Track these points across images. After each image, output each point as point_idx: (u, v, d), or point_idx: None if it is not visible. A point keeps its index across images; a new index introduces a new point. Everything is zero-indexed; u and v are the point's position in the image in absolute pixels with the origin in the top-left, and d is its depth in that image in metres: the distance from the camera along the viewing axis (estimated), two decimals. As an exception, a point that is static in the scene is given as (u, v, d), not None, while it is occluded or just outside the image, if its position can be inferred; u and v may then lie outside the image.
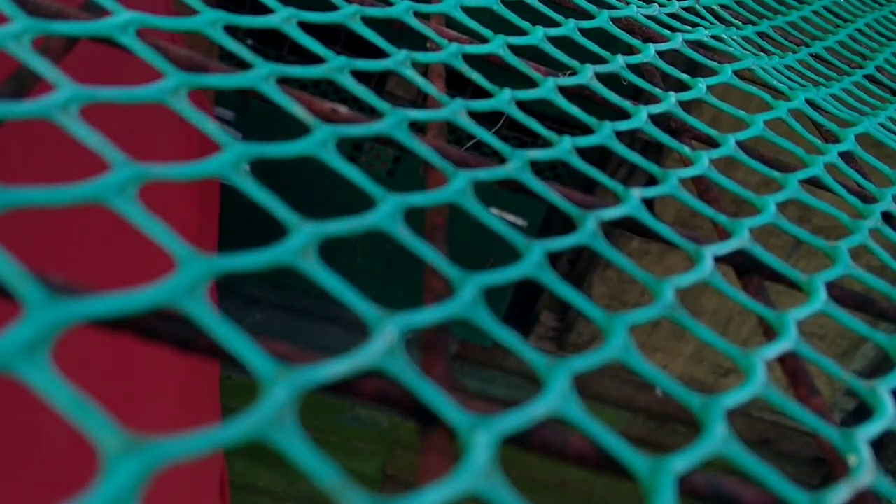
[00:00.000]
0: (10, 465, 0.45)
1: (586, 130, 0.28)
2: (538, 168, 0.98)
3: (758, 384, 0.20)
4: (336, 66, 0.24)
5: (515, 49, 0.31)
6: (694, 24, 0.42)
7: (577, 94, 0.31)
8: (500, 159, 0.24)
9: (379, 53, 0.27)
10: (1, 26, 0.19)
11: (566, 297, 0.20)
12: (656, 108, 0.31)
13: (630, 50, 0.36)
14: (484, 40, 0.31)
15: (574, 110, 0.29)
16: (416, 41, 0.30)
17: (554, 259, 1.13)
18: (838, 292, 0.26)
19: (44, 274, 0.14)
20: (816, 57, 0.46)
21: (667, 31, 0.39)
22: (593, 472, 0.17)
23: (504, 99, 0.27)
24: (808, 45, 0.47)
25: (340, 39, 0.89)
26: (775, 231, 1.07)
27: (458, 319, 0.18)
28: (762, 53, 0.42)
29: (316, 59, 0.25)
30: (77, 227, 0.52)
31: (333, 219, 0.19)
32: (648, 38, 0.39)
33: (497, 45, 0.30)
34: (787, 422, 1.27)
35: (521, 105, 0.27)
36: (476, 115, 0.26)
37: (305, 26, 0.26)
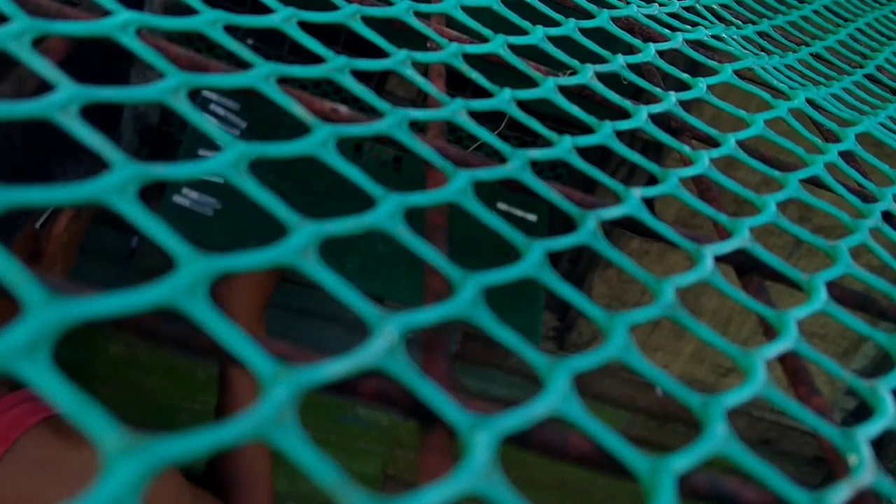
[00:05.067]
0: None
1: (587, 130, 0.28)
2: (538, 167, 0.98)
3: (758, 383, 0.20)
4: (336, 66, 0.24)
5: (516, 49, 0.31)
6: (694, 24, 0.42)
7: (578, 94, 0.31)
8: (501, 159, 0.24)
9: (379, 53, 0.27)
10: (1, 26, 0.19)
11: (567, 296, 0.20)
12: (656, 108, 0.31)
13: (630, 49, 0.36)
14: (484, 40, 0.31)
15: (574, 110, 0.29)
16: (416, 41, 0.30)
17: (554, 258, 1.13)
18: (839, 291, 0.26)
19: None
20: (817, 56, 0.46)
21: (667, 31, 0.39)
22: (594, 471, 0.17)
23: (504, 98, 0.27)
24: (808, 45, 0.47)
25: (340, 39, 0.89)
26: (776, 230, 1.07)
27: (458, 319, 0.18)
28: (762, 53, 0.42)
29: (316, 59, 0.25)
30: None
31: (334, 218, 0.19)
32: (649, 37, 0.39)
33: (497, 45, 0.30)
34: (787, 421, 1.27)
35: (522, 105, 0.27)
36: (476, 115, 0.26)
37: (305, 26, 0.26)
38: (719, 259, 0.24)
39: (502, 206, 0.92)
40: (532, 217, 0.92)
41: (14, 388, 0.58)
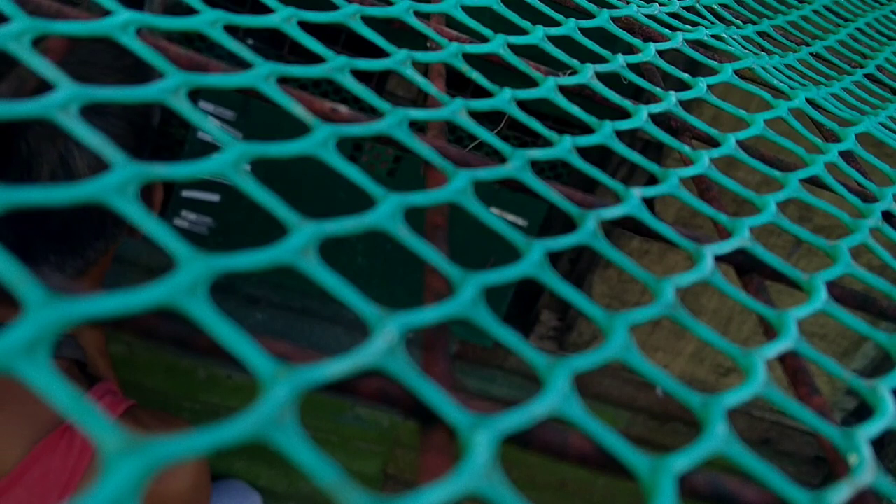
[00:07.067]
0: None
1: (587, 130, 0.28)
2: (539, 167, 0.98)
3: (758, 383, 0.20)
4: (336, 66, 0.24)
5: (516, 48, 0.31)
6: (694, 24, 0.42)
7: (578, 94, 0.31)
8: (501, 159, 0.24)
9: (379, 53, 0.27)
10: (1, 26, 0.19)
11: (567, 296, 0.20)
12: (657, 108, 0.31)
13: (630, 49, 0.36)
14: (484, 40, 0.31)
15: (574, 110, 0.29)
16: (416, 41, 0.30)
17: (554, 258, 1.13)
18: (839, 291, 0.26)
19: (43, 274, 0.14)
20: (817, 56, 0.46)
21: (667, 31, 0.39)
22: (594, 471, 0.17)
23: (504, 98, 0.27)
24: (808, 45, 0.47)
25: (341, 39, 0.89)
26: (776, 230, 1.07)
27: (458, 319, 0.18)
28: (763, 52, 0.42)
29: (316, 59, 0.25)
30: None
31: (334, 218, 0.19)
32: (649, 37, 0.39)
33: (497, 45, 0.30)
34: (787, 421, 1.27)
35: (522, 104, 0.27)
36: (476, 115, 0.26)
37: (306, 26, 0.26)
38: (719, 259, 0.24)
39: (494, 209, 0.92)
40: (523, 222, 0.93)
41: (88, 385, 0.60)
